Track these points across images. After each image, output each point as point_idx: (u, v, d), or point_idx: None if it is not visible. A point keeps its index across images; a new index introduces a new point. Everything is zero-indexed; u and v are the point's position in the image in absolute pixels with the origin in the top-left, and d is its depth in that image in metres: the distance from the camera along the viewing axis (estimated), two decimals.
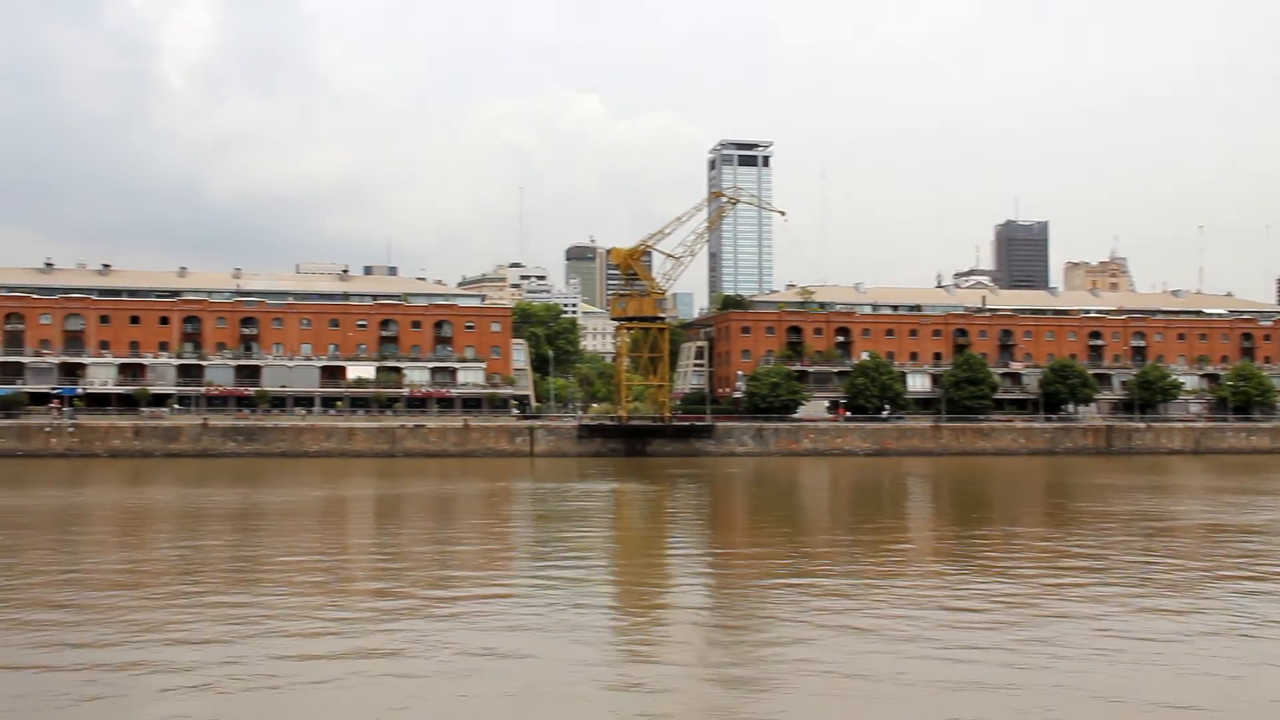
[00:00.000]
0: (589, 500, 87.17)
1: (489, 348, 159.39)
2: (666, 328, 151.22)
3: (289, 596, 43.87)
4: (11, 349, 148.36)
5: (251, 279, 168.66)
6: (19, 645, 34.92)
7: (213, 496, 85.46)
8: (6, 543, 59.68)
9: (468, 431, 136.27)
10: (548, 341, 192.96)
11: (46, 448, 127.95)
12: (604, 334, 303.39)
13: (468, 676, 32.39)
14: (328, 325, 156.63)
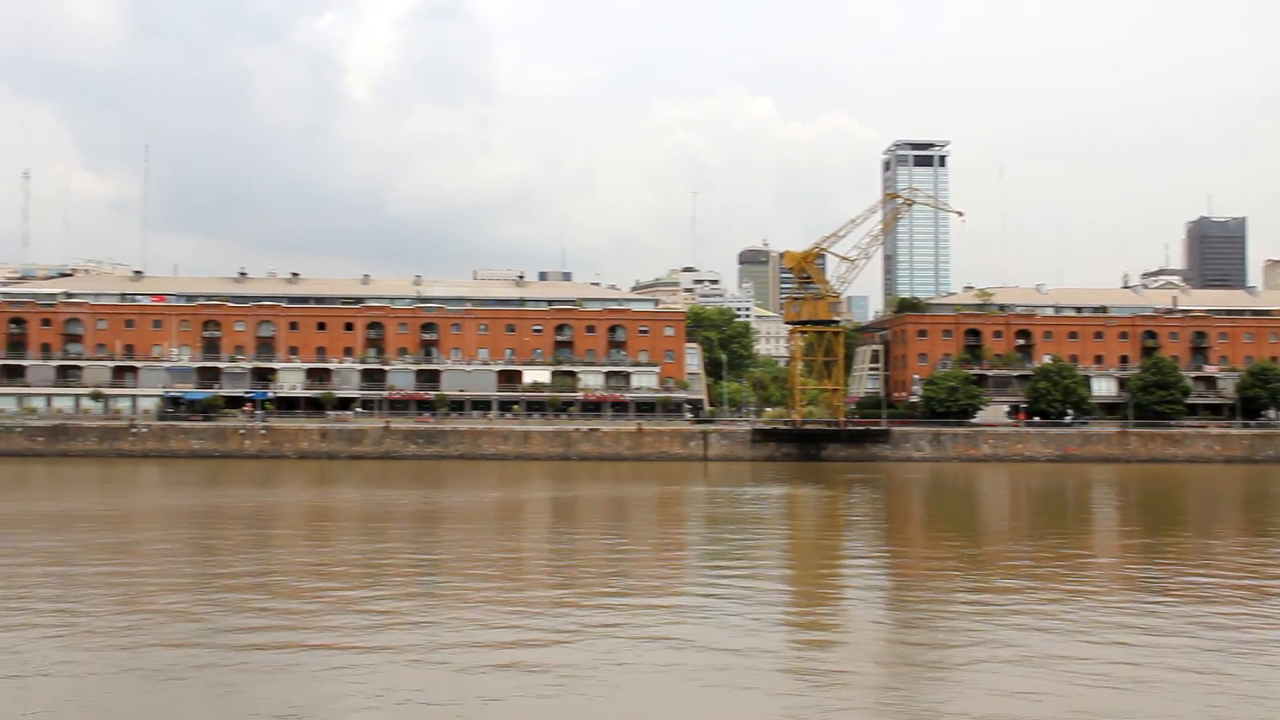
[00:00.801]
0: (762, 505, 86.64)
1: (662, 352, 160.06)
2: (841, 331, 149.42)
3: (469, 596, 44.65)
4: (209, 355, 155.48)
5: (431, 285, 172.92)
6: (211, 644, 36.28)
7: (395, 498, 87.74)
8: (205, 540, 62.37)
9: (641, 435, 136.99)
10: (721, 345, 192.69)
11: (240, 449, 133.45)
12: (777, 338, 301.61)
13: (643, 679, 32.39)
14: (504, 330, 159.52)
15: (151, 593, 45.04)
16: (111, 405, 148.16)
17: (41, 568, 50.75)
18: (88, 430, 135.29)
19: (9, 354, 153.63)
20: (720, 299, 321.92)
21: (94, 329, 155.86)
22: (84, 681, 31.56)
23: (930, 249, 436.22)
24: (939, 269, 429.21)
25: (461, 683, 31.71)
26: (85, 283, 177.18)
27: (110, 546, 58.73)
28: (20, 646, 35.01)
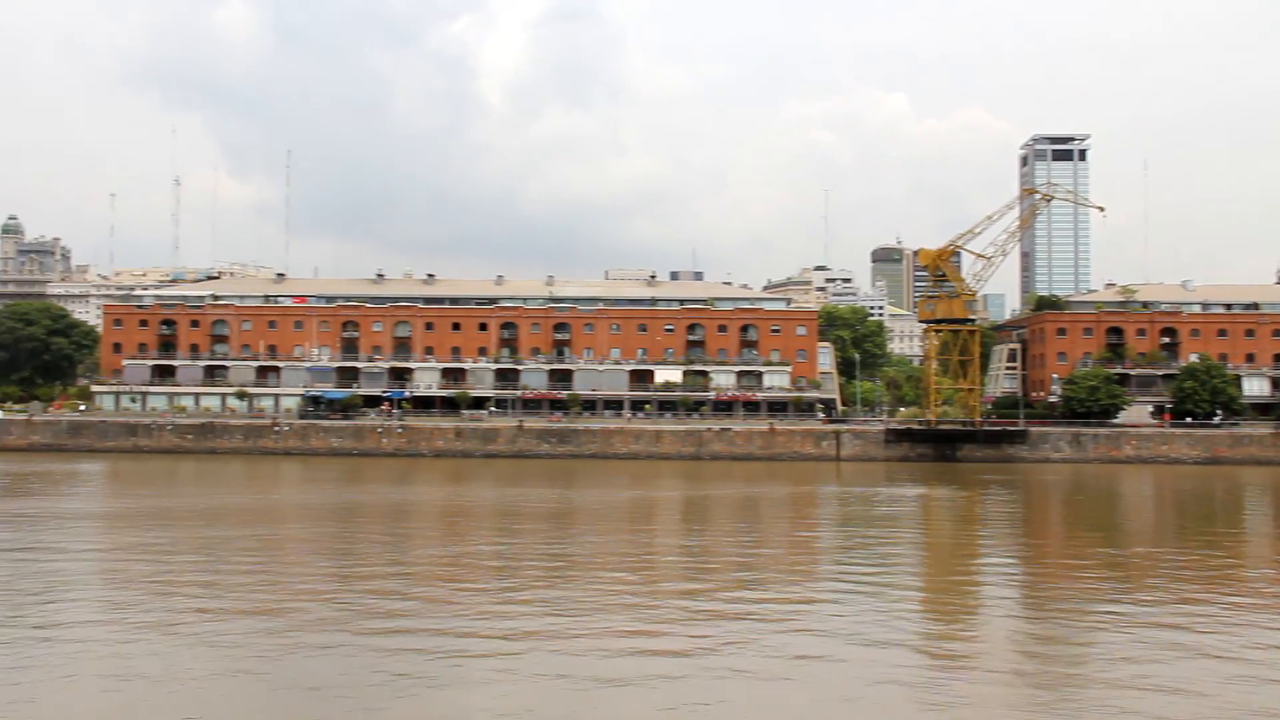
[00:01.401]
0: (896, 505, 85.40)
1: (794, 351, 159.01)
2: (977, 330, 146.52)
3: (601, 592, 44.81)
4: (348, 355, 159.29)
5: (564, 286, 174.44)
6: (352, 630, 36.98)
7: (528, 496, 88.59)
8: (345, 535, 63.78)
9: (773, 435, 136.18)
10: (854, 344, 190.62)
11: (378, 447, 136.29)
12: (911, 337, 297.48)
13: (771, 680, 32.09)
14: (636, 330, 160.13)
15: (294, 586, 46.15)
16: (255, 404, 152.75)
17: (191, 559, 52.39)
18: (233, 428, 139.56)
19: (161, 354, 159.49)
20: (853, 298, 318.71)
21: (239, 330, 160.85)
22: (225, 673, 32.41)
23: (1069, 245, 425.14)
24: (1079, 266, 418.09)
25: (594, 679, 31.79)
26: (231, 285, 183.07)
27: (255, 541, 60.40)
28: (167, 641, 36.12)
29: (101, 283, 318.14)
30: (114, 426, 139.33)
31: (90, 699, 29.83)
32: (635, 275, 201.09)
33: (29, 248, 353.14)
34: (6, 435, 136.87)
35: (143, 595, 43.93)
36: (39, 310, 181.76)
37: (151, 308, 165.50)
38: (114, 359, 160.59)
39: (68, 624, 37.99)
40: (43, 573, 48.49)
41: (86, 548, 58.19)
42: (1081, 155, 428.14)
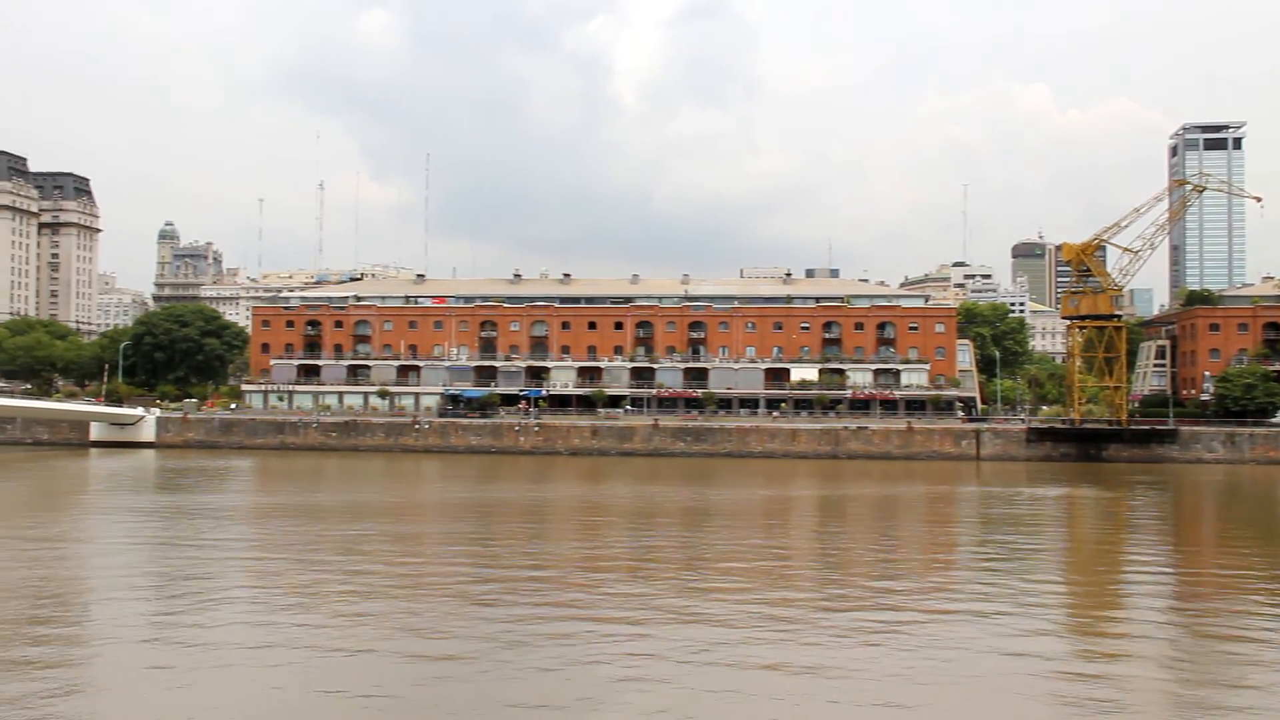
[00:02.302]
0: (1038, 506, 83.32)
1: (933, 349, 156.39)
2: (1123, 326, 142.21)
3: (736, 590, 44.58)
4: (486, 354, 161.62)
5: (698, 284, 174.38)
6: (487, 633, 37.37)
7: (664, 494, 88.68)
8: (484, 531, 64.64)
9: (911, 434, 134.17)
10: (994, 342, 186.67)
11: (515, 445, 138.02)
12: (1054, 333, 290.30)
13: (905, 687, 31.51)
14: (771, 328, 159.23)
15: (434, 580, 46.90)
16: (397, 402, 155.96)
17: (335, 555, 53.63)
18: (375, 426, 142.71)
19: (306, 354, 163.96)
20: (993, 294, 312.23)
21: (381, 330, 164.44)
22: (367, 667, 33.01)
23: (1222, 238, 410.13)
24: (1233, 259, 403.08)
25: (727, 679, 31.61)
26: (373, 286, 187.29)
27: (397, 536, 61.61)
28: (312, 632, 36.99)
29: (250, 285, 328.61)
30: (262, 424, 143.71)
31: (240, 687, 30.66)
32: (770, 273, 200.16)
33: (184, 252, 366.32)
34: (164, 432, 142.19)
35: (288, 589, 45.10)
36: (193, 312, 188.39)
37: (297, 309, 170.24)
38: (262, 359, 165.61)
39: (219, 614, 39.17)
40: (196, 565, 50.14)
41: (237, 541, 60.02)
42: (1236, 144, 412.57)
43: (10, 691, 29.15)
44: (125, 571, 48.88)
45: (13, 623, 37.67)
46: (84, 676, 31.56)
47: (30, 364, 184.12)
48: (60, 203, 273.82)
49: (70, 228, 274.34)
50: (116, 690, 30.49)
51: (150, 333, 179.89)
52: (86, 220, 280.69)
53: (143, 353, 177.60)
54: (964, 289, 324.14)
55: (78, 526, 66.61)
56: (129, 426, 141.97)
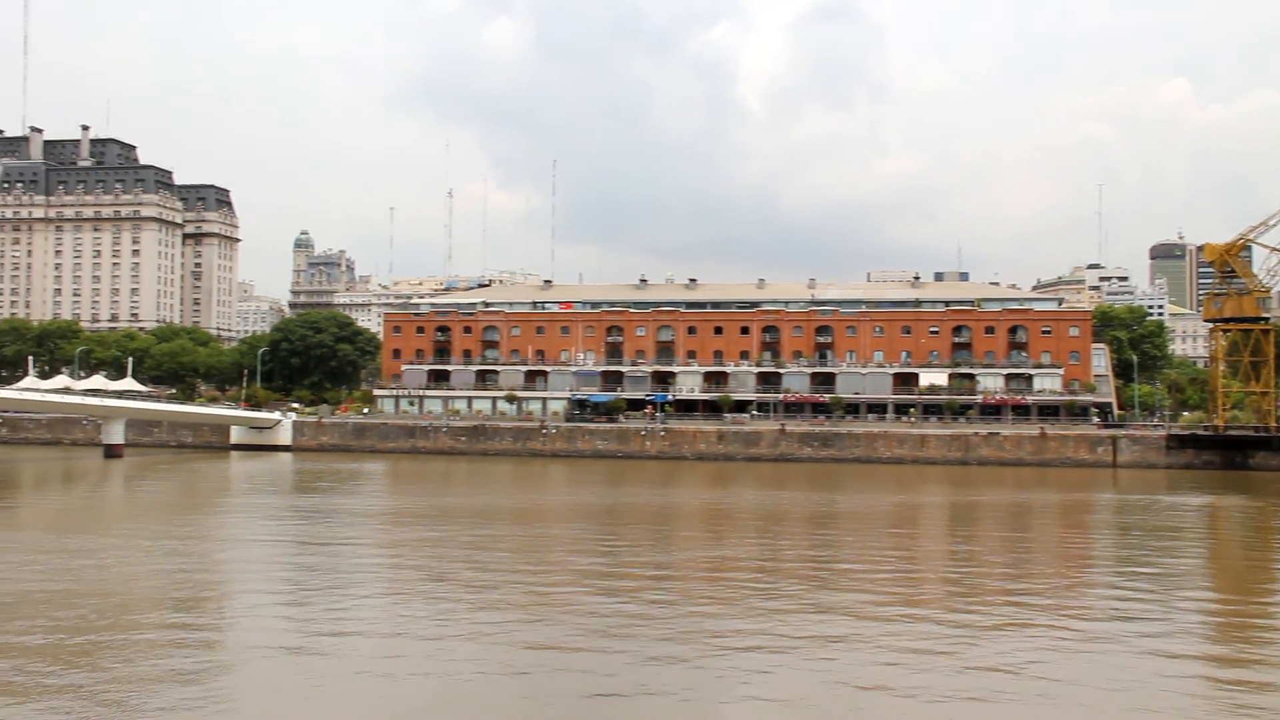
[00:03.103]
0: (1180, 515, 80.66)
1: (1066, 353, 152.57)
2: (1271, 329, 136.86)
3: (863, 598, 43.98)
4: (612, 359, 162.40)
5: (825, 288, 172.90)
6: (612, 636, 37.40)
7: (791, 499, 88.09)
8: (610, 535, 64.90)
9: (1044, 440, 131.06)
10: (1131, 346, 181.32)
11: (641, 450, 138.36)
12: (1195, 337, 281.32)
13: (1036, 702, 30.67)
14: (900, 332, 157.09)
15: (560, 584, 47.17)
16: (524, 407, 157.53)
17: (464, 554, 54.31)
18: (504, 430, 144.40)
19: (436, 360, 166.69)
20: (1129, 297, 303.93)
21: (509, 336, 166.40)
22: (494, 671, 33.27)
23: None
24: None
25: (851, 683, 31.14)
26: (501, 293, 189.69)
27: (524, 539, 62.18)
28: (441, 635, 37.43)
29: (382, 292, 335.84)
30: (394, 428, 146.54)
31: (371, 686, 31.14)
32: (898, 277, 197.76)
33: (318, 260, 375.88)
34: (300, 436, 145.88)
35: (419, 590, 45.78)
36: (327, 319, 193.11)
37: (427, 315, 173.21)
38: (394, 364, 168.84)
39: (353, 613, 39.90)
40: (331, 564, 51.24)
41: (370, 542, 61.24)
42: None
43: (154, 698, 30.00)
44: (264, 570, 50.18)
45: (159, 619, 38.88)
46: (223, 665, 32.40)
47: (175, 369, 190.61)
48: (203, 214, 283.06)
49: (212, 238, 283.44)
50: (253, 687, 31.20)
51: (286, 339, 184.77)
52: (227, 230, 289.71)
53: (279, 358, 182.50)
54: (1099, 291, 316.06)
55: (222, 526, 68.67)
56: (267, 430, 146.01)
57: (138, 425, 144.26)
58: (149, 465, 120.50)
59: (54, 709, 27.75)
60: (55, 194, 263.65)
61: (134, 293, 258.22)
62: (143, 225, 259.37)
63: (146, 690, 29.54)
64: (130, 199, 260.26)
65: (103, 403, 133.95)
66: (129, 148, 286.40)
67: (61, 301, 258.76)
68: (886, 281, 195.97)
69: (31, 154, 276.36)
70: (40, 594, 42.56)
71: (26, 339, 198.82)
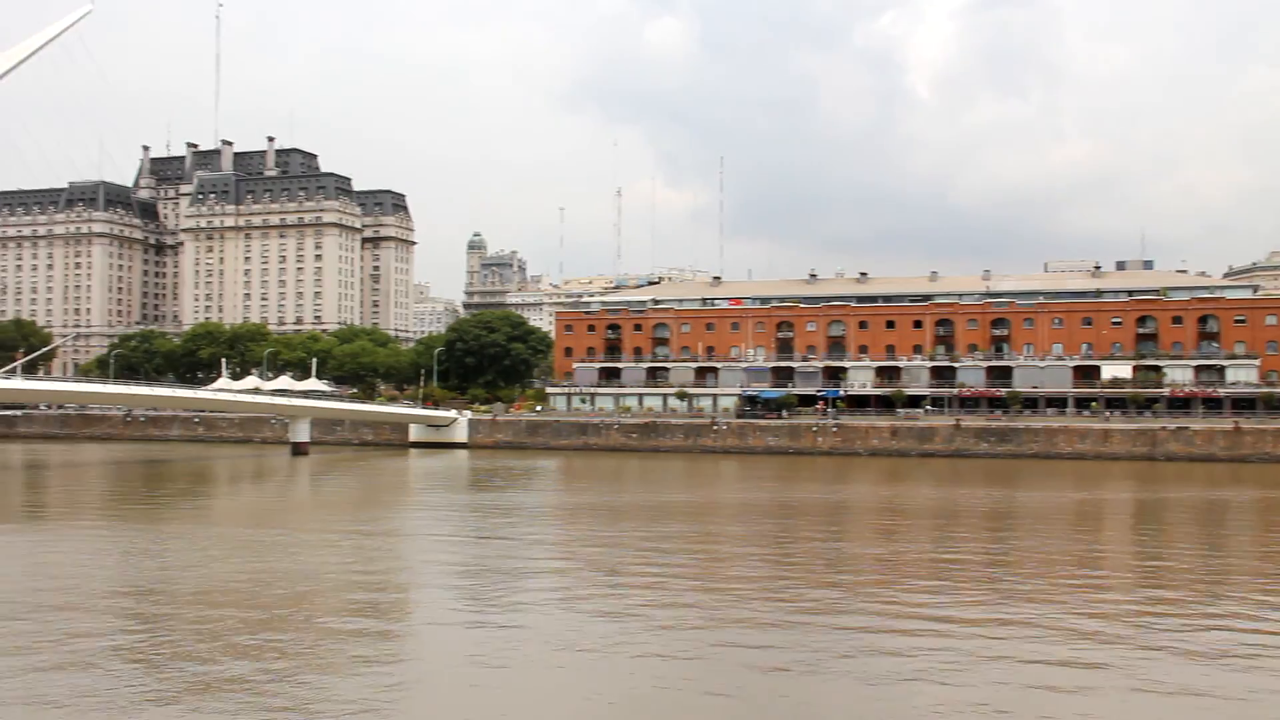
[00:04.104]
0: None
1: (1263, 343, 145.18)
2: None
3: (1043, 596, 42.53)
4: (782, 355, 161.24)
5: (1000, 280, 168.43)
6: (785, 626, 36.87)
7: (967, 495, 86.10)
8: (784, 531, 64.34)
9: (1239, 434, 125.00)
10: None
11: (813, 446, 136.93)
12: None
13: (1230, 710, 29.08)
14: (1080, 324, 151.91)
15: (733, 579, 46.86)
16: (695, 404, 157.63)
17: (637, 550, 54.43)
18: (674, 427, 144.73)
19: (607, 357, 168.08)
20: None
21: (678, 332, 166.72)
22: (669, 666, 33.11)
23: None
24: None
25: (1032, 691, 30.04)
26: (670, 290, 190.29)
27: (698, 535, 62.06)
28: (618, 630, 37.50)
29: (553, 291, 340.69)
30: (566, 426, 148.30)
31: (552, 678, 31.33)
32: (1077, 266, 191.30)
33: (490, 261, 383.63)
34: (475, 434, 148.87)
35: (594, 585, 46.02)
36: (500, 319, 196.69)
37: (598, 313, 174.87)
38: (565, 362, 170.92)
39: (530, 607, 40.30)
40: (508, 558, 51.97)
41: (545, 538, 61.96)
42: None
43: (340, 685, 30.72)
44: (444, 564, 51.17)
45: (344, 609, 39.96)
46: (406, 658, 33.03)
47: (355, 370, 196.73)
48: (380, 218, 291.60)
49: (389, 241, 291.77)
50: (433, 675, 31.70)
51: (461, 339, 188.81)
52: (403, 234, 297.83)
53: (454, 358, 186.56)
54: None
55: (403, 521, 70.44)
56: (444, 428, 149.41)
57: (322, 424, 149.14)
58: (333, 462, 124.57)
59: (243, 693, 28.64)
60: (244, 203, 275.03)
61: (317, 296, 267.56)
62: (324, 231, 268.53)
63: (331, 676, 30.28)
64: (312, 206, 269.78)
65: (290, 402, 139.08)
66: (311, 157, 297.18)
67: (250, 306, 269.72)
68: (1065, 271, 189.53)
69: (223, 166, 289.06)
70: (233, 585, 44.18)
71: (219, 342, 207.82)
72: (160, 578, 46.37)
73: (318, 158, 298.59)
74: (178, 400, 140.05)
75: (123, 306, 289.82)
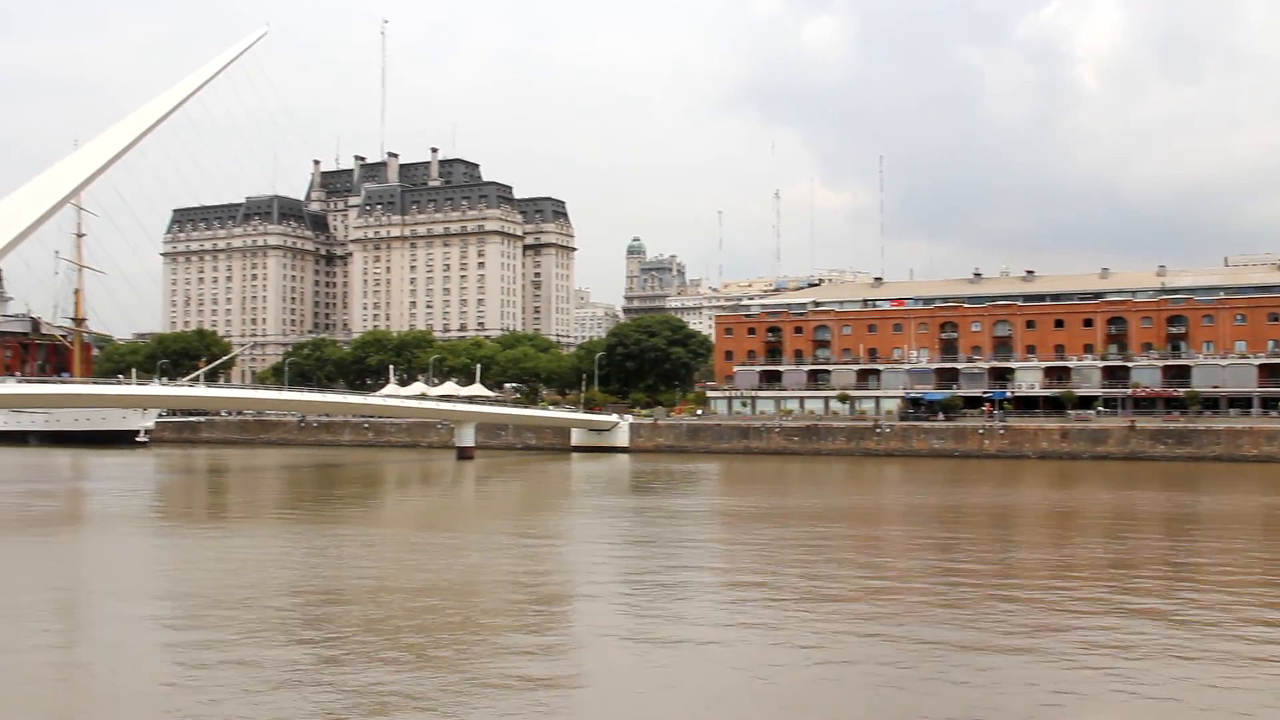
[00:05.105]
0: None
1: None
2: None
3: (1226, 607, 40.52)
4: (947, 356, 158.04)
5: (1176, 275, 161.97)
6: (947, 638, 35.85)
7: (1144, 500, 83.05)
8: (949, 536, 62.86)
9: None
10: None
11: (980, 449, 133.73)
12: None
13: None
14: (1265, 320, 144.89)
15: (898, 583, 45.88)
16: (857, 406, 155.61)
17: (800, 554, 53.78)
18: (836, 430, 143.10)
19: (767, 360, 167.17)
20: None
21: (839, 334, 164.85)
22: (833, 672, 32.52)
23: None
24: None
25: (1219, 702, 28.51)
26: (830, 292, 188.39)
27: (862, 540, 61.09)
28: (781, 628, 36.98)
29: (712, 295, 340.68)
30: (727, 429, 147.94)
31: (717, 683, 31.03)
32: (1262, 260, 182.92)
33: (650, 266, 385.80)
34: (636, 438, 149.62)
35: (757, 587, 45.55)
36: (660, 323, 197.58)
37: (758, 316, 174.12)
38: (725, 366, 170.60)
39: (694, 612, 40.04)
40: (670, 561, 51.87)
41: (706, 541, 61.70)
42: None
43: (506, 690, 30.94)
44: (607, 566, 51.36)
45: (510, 610, 40.32)
46: (570, 660, 33.11)
47: (518, 375, 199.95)
48: (541, 225, 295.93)
49: (550, 248, 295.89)
50: (600, 678, 31.69)
51: (621, 344, 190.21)
52: (563, 240, 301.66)
53: (615, 362, 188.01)
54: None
55: (567, 524, 71.06)
56: (605, 433, 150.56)
57: (486, 428, 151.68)
58: (498, 466, 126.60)
59: (410, 689, 29.03)
60: (409, 213, 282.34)
61: (480, 303, 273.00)
62: (487, 239, 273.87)
63: (496, 678, 30.49)
64: (475, 214, 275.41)
65: (455, 408, 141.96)
66: (473, 166, 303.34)
67: (416, 313, 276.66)
68: (1247, 265, 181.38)
69: (389, 178, 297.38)
70: (404, 585, 45.02)
71: (387, 349, 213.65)
72: (334, 578, 47.56)
73: (479, 167, 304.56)
74: (348, 406, 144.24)
75: (296, 316, 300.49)
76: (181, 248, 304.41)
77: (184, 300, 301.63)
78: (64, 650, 35.37)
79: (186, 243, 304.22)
